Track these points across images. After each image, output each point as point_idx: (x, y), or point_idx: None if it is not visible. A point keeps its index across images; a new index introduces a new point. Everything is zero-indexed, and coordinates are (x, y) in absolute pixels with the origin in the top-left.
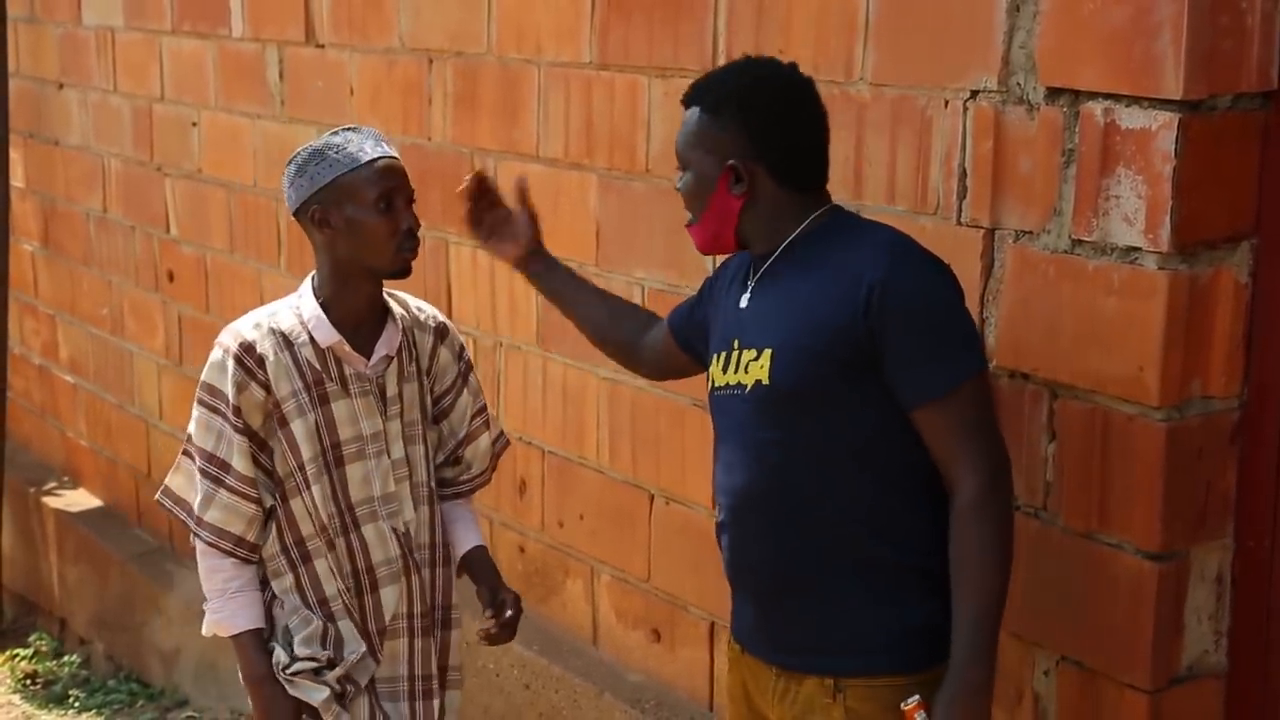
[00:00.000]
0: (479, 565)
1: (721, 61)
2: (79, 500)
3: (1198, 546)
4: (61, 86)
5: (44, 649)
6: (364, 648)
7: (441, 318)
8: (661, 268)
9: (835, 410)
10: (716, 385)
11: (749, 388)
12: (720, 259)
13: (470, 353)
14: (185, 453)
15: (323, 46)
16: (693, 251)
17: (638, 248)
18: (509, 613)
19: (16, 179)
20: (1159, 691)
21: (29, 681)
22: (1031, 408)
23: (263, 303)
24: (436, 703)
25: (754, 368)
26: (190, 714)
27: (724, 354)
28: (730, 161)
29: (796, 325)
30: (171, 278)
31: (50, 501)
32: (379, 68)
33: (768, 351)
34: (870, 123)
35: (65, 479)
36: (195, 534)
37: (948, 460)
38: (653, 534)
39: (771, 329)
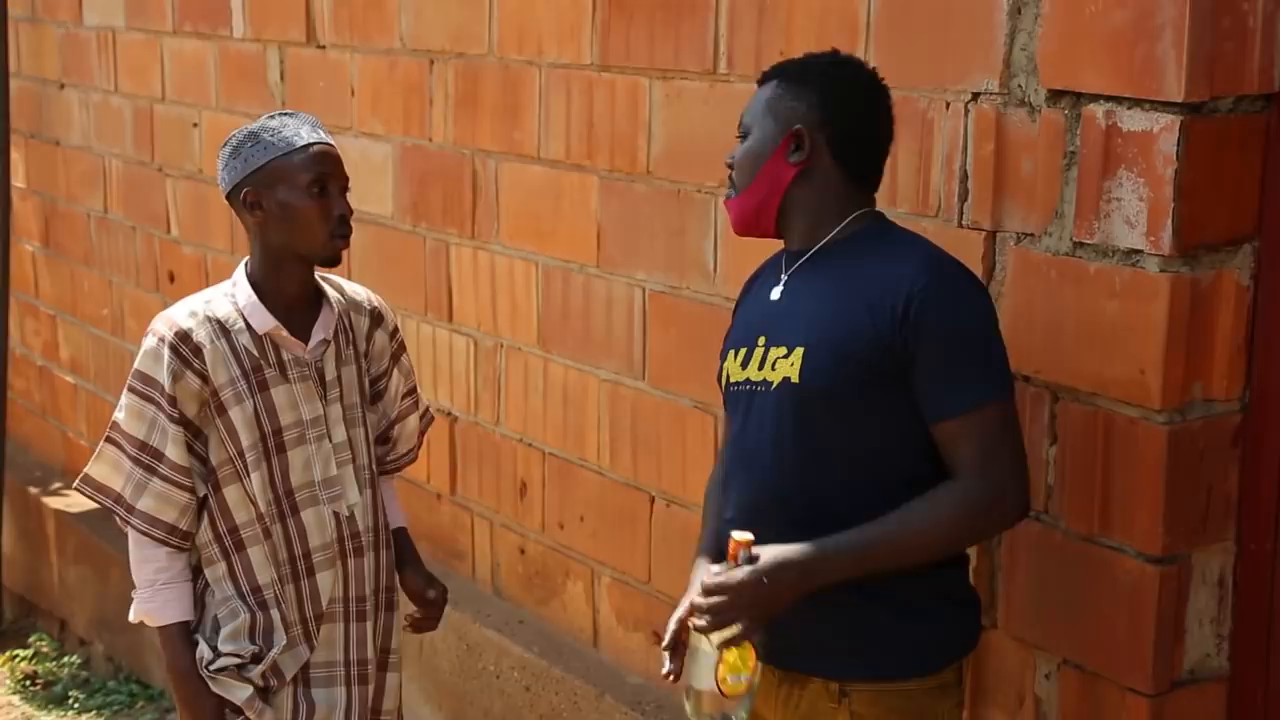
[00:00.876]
0: (404, 549)
1: (723, 64)
2: (79, 501)
3: (1199, 549)
4: (63, 86)
5: (44, 649)
6: (287, 638)
7: (376, 300)
8: (662, 269)
9: (860, 415)
10: (733, 380)
11: (775, 385)
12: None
13: (471, 354)
14: (110, 440)
15: (324, 47)
16: (693, 253)
17: (639, 249)
18: (435, 601)
19: (18, 179)
20: (1160, 695)
21: (29, 682)
22: (1033, 410)
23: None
24: (372, 687)
25: (783, 365)
26: None
27: (746, 349)
28: (796, 126)
29: (831, 327)
30: (172, 278)
31: (51, 502)
32: (380, 68)
33: (799, 350)
34: None
35: (66, 479)
36: (126, 522)
37: (961, 472)
38: (653, 536)
39: (804, 328)
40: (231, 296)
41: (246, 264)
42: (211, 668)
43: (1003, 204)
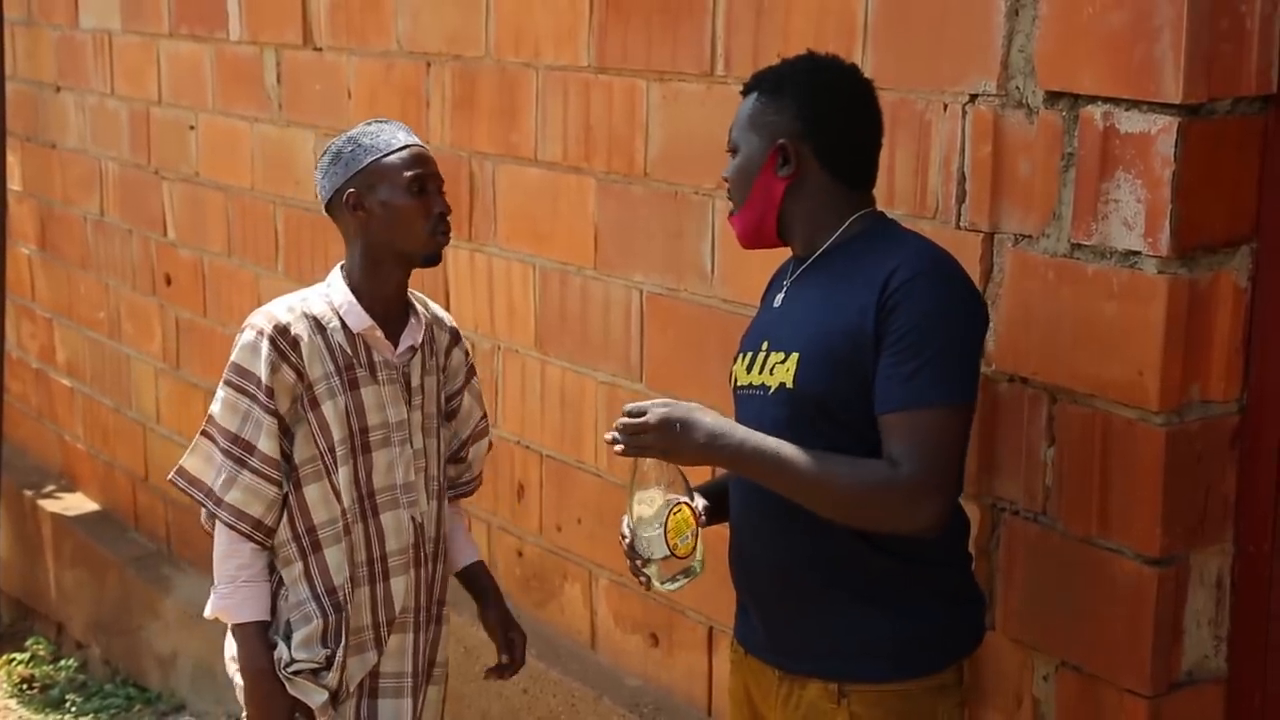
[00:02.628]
0: (485, 589)
1: (720, 65)
2: (76, 504)
3: (1197, 551)
4: (59, 89)
5: (41, 653)
6: (357, 641)
7: (454, 322)
8: (660, 271)
9: (855, 417)
10: (740, 384)
11: (773, 390)
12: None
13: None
14: (205, 434)
15: (320, 49)
16: (691, 255)
17: (636, 251)
18: (518, 654)
19: (14, 182)
20: (1159, 697)
21: (26, 686)
22: (1031, 412)
23: (261, 306)
24: (421, 698)
25: (780, 370)
26: (187, 718)
27: (751, 354)
28: (780, 140)
29: (824, 331)
30: (169, 281)
31: (47, 505)
32: (377, 71)
33: (795, 355)
34: None
35: (62, 482)
36: (214, 514)
37: (892, 461)
38: None
39: (800, 333)
40: (327, 296)
41: (342, 267)
42: (290, 670)
43: (1000, 206)
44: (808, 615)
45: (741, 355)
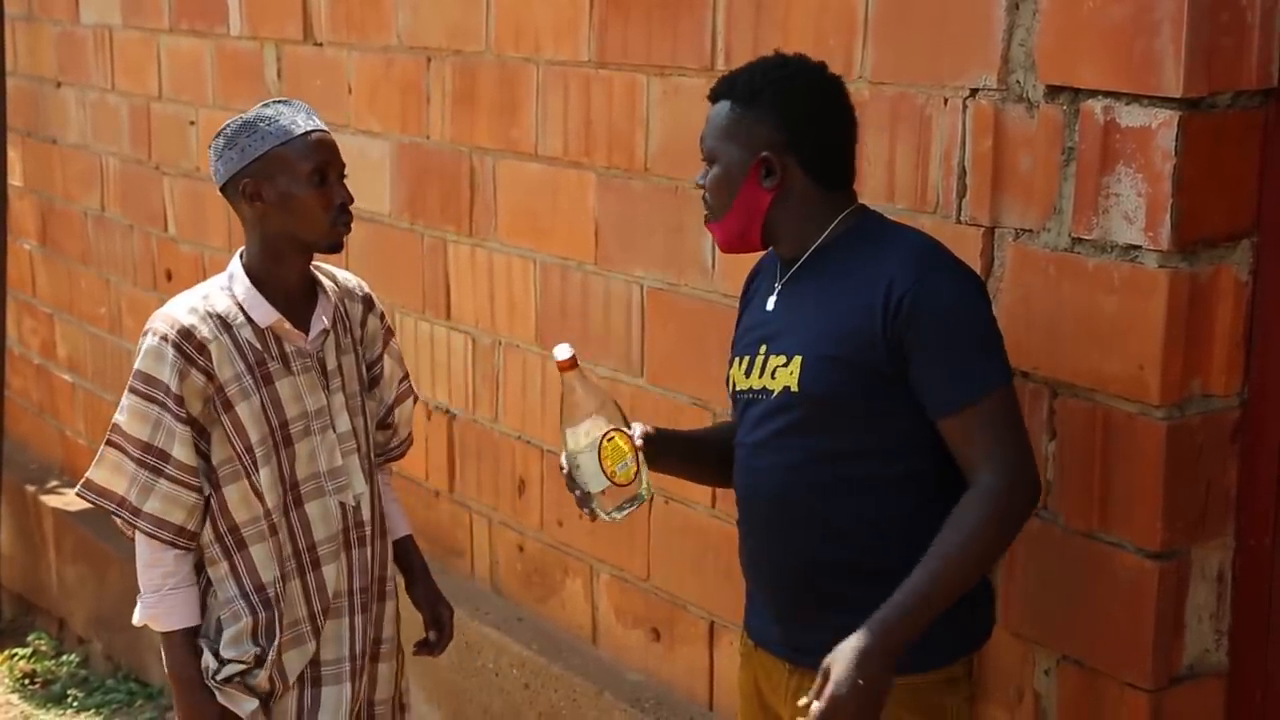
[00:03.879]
0: (413, 564)
1: (721, 60)
2: (77, 499)
3: (1198, 545)
4: (59, 85)
5: (43, 648)
6: (292, 634)
7: (365, 286)
8: (660, 266)
9: (862, 418)
10: (739, 388)
11: (776, 393)
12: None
13: (469, 352)
14: (111, 443)
15: (321, 45)
16: (691, 250)
17: (636, 246)
18: (446, 630)
19: (14, 178)
20: (1159, 691)
21: (27, 681)
22: (1032, 406)
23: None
24: (362, 679)
25: (782, 374)
26: None
27: (748, 357)
28: (763, 153)
29: (826, 333)
30: (170, 277)
31: (49, 500)
32: (377, 66)
33: (798, 359)
34: (869, 121)
35: (64, 478)
36: (133, 525)
37: (973, 466)
38: (652, 533)
39: (801, 335)
40: (229, 290)
41: (242, 255)
42: (218, 678)
43: (1001, 200)
44: (820, 612)
45: (737, 359)
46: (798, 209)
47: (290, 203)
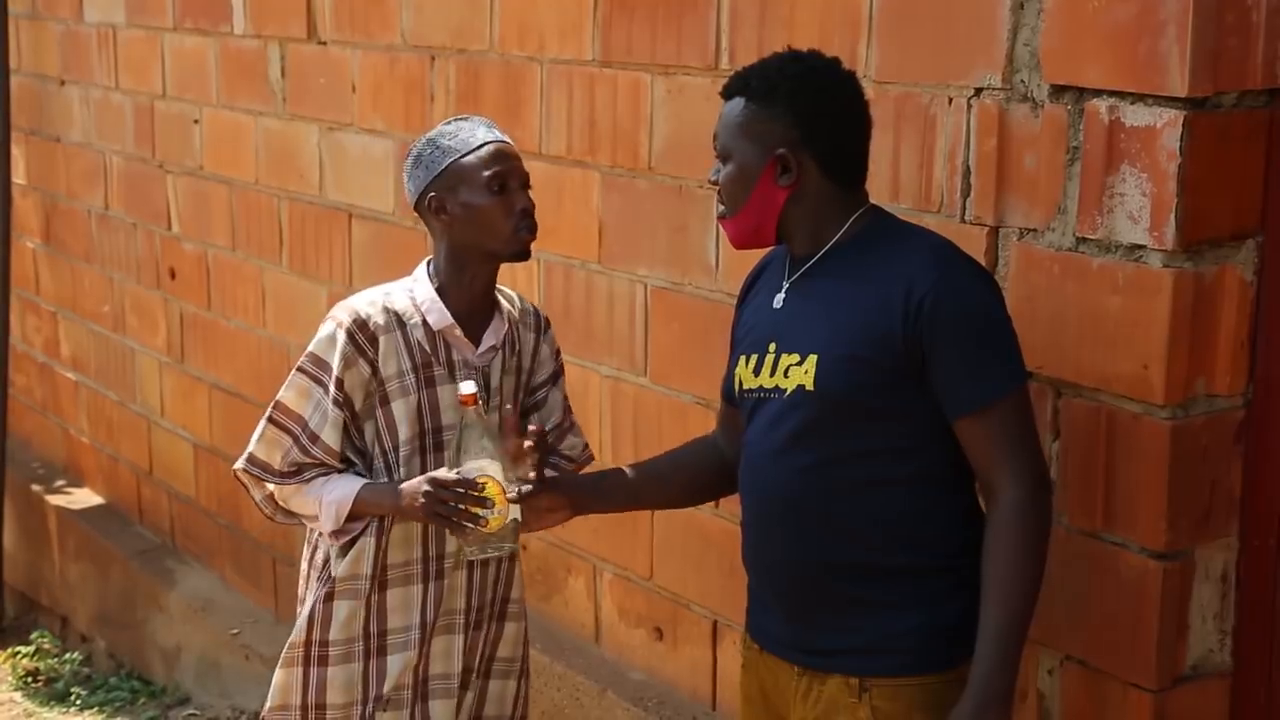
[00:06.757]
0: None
1: (725, 59)
2: (81, 497)
3: (1202, 545)
4: (63, 83)
5: (46, 646)
6: (414, 635)
7: (544, 315)
8: (664, 265)
9: (876, 417)
10: (746, 387)
11: (789, 392)
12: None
13: None
14: (271, 420)
15: (325, 43)
16: (695, 249)
17: (641, 245)
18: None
19: (18, 176)
20: (1163, 691)
21: (30, 679)
22: (1036, 406)
23: (264, 301)
24: (471, 694)
25: (795, 372)
26: (191, 712)
27: (756, 356)
28: (779, 150)
29: (842, 331)
30: (173, 275)
31: (52, 499)
32: (381, 65)
33: (812, 357)
34: (874, 120)
35: (67, 476)
36: (279, 485)
37: (989, 469)
38: (655, 532)
39: (815, 334)
40: (410, 292)
41: (429, 263)
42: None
43: (1005, 199)
44: (829, 612)
45: (745, 358)
46: (813, 206)
47: (472, 213)
